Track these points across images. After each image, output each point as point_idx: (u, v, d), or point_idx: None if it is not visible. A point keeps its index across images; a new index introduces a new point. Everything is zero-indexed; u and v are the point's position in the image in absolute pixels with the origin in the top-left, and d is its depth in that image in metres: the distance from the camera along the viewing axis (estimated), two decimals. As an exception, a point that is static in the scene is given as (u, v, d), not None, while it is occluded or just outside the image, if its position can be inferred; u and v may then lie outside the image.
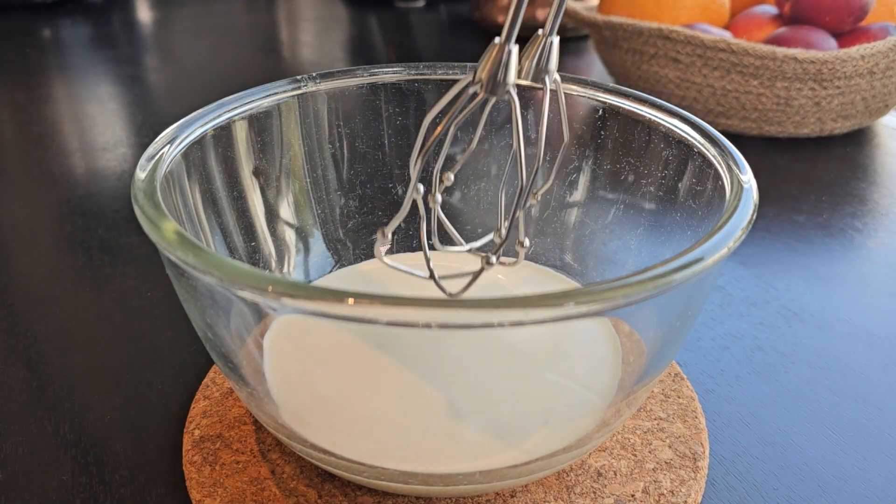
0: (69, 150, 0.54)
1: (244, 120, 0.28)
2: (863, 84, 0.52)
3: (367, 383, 0.25)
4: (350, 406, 0.24)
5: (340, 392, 0.24)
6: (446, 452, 0.22)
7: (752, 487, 0.26)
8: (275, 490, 0.24)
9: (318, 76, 0.30)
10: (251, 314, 0.23)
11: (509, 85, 0.22)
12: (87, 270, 0.39)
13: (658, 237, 0.28)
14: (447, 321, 0.16)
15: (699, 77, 0.54)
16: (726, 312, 0.35)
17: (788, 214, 0.45)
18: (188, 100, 0.65)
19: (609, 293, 0.16)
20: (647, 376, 0.23)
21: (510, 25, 0.21)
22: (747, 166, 0.23)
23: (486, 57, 0.22)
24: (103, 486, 0.25)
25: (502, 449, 0.22)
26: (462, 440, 0.22)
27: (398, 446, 0.22)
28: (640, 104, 0.28)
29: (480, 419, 0.23)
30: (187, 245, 0.18)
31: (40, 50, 0.79)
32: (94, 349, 0.32)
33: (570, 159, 0.31)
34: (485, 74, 0.22)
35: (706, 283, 0.21)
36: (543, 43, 0.24)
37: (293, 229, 0.31)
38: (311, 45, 0.87)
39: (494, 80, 0.22)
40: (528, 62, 0.25)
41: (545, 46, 0.24)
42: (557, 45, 0.25)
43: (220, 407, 0.28)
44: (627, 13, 0.61)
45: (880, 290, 0.37)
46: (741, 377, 0.31)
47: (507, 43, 0.22)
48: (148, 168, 0.22)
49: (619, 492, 0.24)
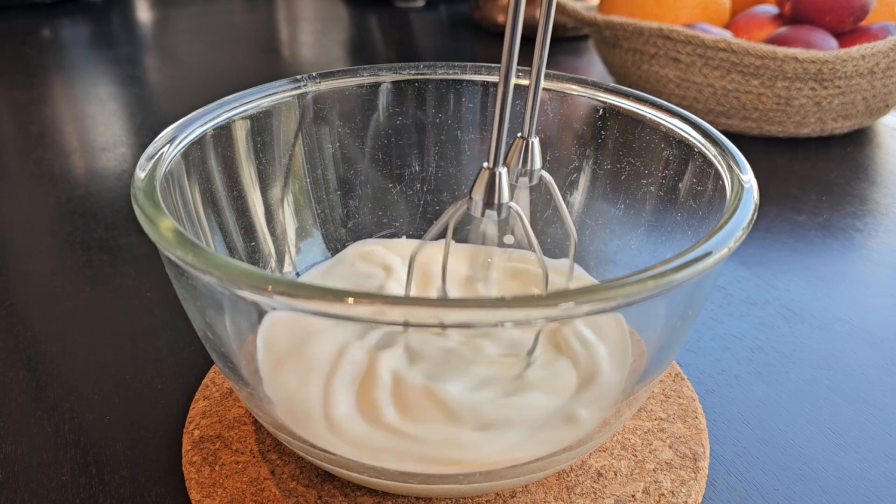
0: (69, 150, 0.54)
1: (244, 120, 0.28)
2: (863, 84, 0.52)
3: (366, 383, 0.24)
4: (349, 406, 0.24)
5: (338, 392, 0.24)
6: (446, 452, 0.22)
7: (753, 487, 0.26)
8: (274, 490, 0.24)
9: (318, 76, 0.30)
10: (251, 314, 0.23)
11: (504, 204, 0.23)
12: (87, 270, 0.39)
13: (658, 237, 0.28)
14: (447, 321, 0.16)
15: (699, 77, 0.54)
16: (727, 312, 0.35)
17: (789, 214, 0.45)
18: (188, 99, 0.65)
19: (609, 293, 0.16)
20: (648, 376, 0.22)
21: (496, 150, 0.22)
22: (748, 166, 0.23)
23: (478, 181, 0.23)
24: (103, 487, 0.25)
25: (502, 449, 0.22)
26: (462, 440, 0.22)
27: (398, 446, 0.22)
28: (640, 104, 0.28)
29: (480, 419, 0.23)
30: (187, 244, 0.18)
31: (40, 50, 0.79)
32: (94, 349, 0.32)
33: (571, 159, 0.31)
34: (479, 197, 0.23)
35: (707, 282, 0.21)
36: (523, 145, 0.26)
37: (293, 229, 0.31)
38: (310, 44, 0.87)
39: (490, 202, 0.23)
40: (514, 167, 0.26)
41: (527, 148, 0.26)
42: (538, 144, 0.26)
43: (220, 407, 0.28)
44: (628, 13, 0.61)
45: (881, 291, 0.37)
46: (741, 377, 0.31)
47: (495, 167, 0.23)
48: (147, 168, 0.22)
49: (619, 492, 0.24)
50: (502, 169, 0.23)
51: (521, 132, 0.26)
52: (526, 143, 0.26)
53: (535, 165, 0.27)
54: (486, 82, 0.32)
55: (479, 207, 0.24)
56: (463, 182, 0.34)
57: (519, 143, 0.26)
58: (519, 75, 0.29)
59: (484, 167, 0.23)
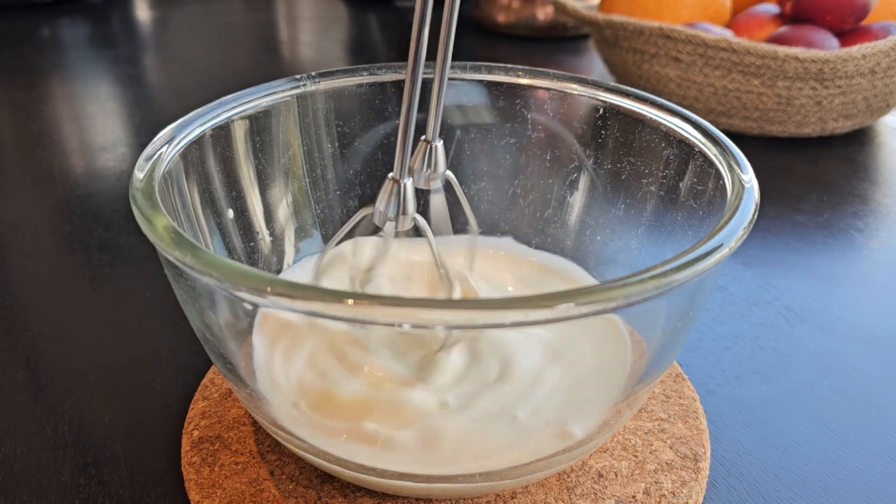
0: (68, 150, 0.54)
1: (243, 119, 0.28)
2: (864, 83, 0.52)
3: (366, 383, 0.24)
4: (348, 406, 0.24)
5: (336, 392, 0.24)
6: (446, 453, 0.22)
7: (754, 488, 0.26)
8: (274, 491, 0.24)
9: (317, 75, 0.30)
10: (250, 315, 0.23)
11: (409, 215, 0.23)
12: (86, 270, 0.38)
13: (659, 237, 0.28)
14: (447, 322, 0.16)
15: (700, 76, 0.54)
16: (727, 312, 0.35)
17: (790, 214, 0.45)
18: (187, 99, 0.65)
19: (610, 293, 0.16)
20: (649, 377, 0.22)
21: (401, 161, 0.22)
22: (748, 166, 0.23)
23: (383, 192, 0.23)
24: (102, 487, 0.25)
25: (502, 449, 0.22)
26: (462, 440, 0.22)
27: (398, 447, 0.22)
28: (640, 103, 0.28)
29: (481, 419, 0.23)
30: (185, 245, 0.18)
31: (39, 49, 0.79)
32: (93, 349, 0.32)
33: (571, 159, 0.31)
34: (383, 208, 0.23)
35: (707, 283, 0.21)
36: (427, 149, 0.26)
37: (292, 229, 0.31)
38: (310, 44, 0.87)
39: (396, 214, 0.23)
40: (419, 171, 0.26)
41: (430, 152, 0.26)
42: (442, 148, 0.26)
43: (219, 408, 0.28)
44: (628, 12, 0.61)
45: (882, 291, 0.37)
46: (742, 377, 0.31)
47: (400, 178, 0.23)
48: (146, 168, 0.22)
49: (619, 493, 0.24)
50: (408, 180, 0.23)
51: (424, 135, 0.26)
52: (429, 147, 0.26)
53: (438, 169, 0.26)
54: (487, 82, 0.31)
55: (381, 218, 0.23)
56: (462, 182, 0.33)
57: (423, 146, 0.26)
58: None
59: (389, 178, 0.23)
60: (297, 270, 0.31)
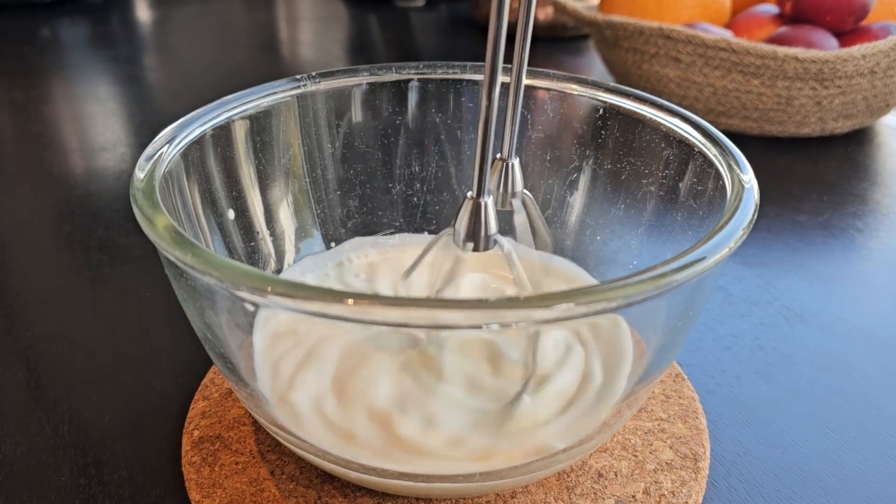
0: (68, 150, 0.54)
1: (243, 119, 0.28)
2: (864, 83, 0.52)
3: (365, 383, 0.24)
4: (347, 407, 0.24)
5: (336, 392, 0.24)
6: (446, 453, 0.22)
7: (753, 488, 0.26)
8: (274, 491, 0.24)
9: (317, 75, 0.30)
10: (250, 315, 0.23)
11: (493, 236, 0.22)
12: (86, 270, 0.38)
13: (659, 237, 0.28)
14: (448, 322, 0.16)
15: (700, 76, 0.54)
16: (727, 312, 0.35)
17: (789, 214, 0.45)
18: (187, 99, 0.65)
19: (610, 293, 0.16)
20: (648, 377, 0.22)
21: (479, 180, 0.21)
22: (748, 166, 0.23)
23: (462, 212, 0.22)
24: (102, 487, 0.25)
25: (502, 449, 0.22)
26: (462, 440, 0.22)
27: (397, 447, 0.22)
28: (640, 103, 0.28)
29: (481, 419, 0.23)
30: (186, 245, 0.18)
31: (39, 49, 0.79)
32: (93, 349, 0.32)
33: (571, 159, 0.31)
34: (464, 229, 0.22)
35: (707, 283, 0.21)
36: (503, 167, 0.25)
37: (293, 229, 0.31)
38: (310, 44, 0.87)
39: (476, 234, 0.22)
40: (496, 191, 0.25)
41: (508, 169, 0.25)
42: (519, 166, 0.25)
43: (220, 407, 0.28)
44: (628, 12, 0.61)
45: (882, 291, 0.37)
46: (742, 377, 0.31)
47: (479, 196, 0.21)
48: (147, 168, 0.22)
49: (619, 492, 0.24)
50: (488, 199, 0.21)
51: (500, 153, 0.25)
52: (506, 165, 0.25)
53: (516, 188, 0.25)
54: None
55: (461, 239, 0.22)
56: (463, 182, 0.33)
57: (498, 164, 0.25)
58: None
59: (468, 197, 0.22)
60: (297, 270, 0.31)
